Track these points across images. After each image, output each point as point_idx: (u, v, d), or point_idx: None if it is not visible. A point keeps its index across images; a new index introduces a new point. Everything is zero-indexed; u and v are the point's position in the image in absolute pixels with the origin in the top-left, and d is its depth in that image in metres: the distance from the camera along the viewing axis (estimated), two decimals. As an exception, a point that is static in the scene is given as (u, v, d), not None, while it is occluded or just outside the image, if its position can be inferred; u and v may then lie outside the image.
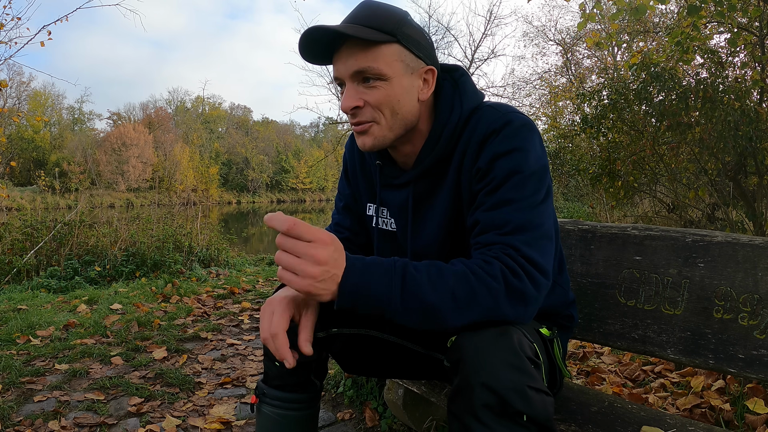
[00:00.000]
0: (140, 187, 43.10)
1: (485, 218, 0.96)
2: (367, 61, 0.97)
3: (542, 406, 0.83)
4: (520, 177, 0.96)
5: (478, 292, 0.87)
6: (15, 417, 1.97)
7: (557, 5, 22.08)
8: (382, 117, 1.01)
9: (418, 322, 0.88)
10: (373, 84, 0.99)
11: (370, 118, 1.02)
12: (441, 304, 0.86)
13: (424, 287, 0.87)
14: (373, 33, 0.96)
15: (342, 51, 0.99)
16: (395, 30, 0.98)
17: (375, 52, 0.97)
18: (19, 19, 6.38)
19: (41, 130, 41.28)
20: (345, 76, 1.00)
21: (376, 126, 1.02)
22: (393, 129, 1.03)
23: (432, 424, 1.76)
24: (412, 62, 1.01)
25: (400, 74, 1.00)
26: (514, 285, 0.88)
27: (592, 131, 5.14)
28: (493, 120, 1.00)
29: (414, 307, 0.86)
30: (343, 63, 0.99)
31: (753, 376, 1.14)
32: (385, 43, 0.97)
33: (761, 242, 1.16)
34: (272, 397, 1.18)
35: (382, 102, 1.00)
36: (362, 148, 1.05)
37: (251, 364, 2.67)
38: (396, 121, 1.03)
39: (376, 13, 0.99)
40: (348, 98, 1.00)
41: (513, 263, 0.90)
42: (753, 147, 3.87)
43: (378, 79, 0.98)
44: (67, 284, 4.77)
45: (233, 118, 60.59)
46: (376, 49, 0.97)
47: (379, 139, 1.03)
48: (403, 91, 1.01)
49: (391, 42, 0.98)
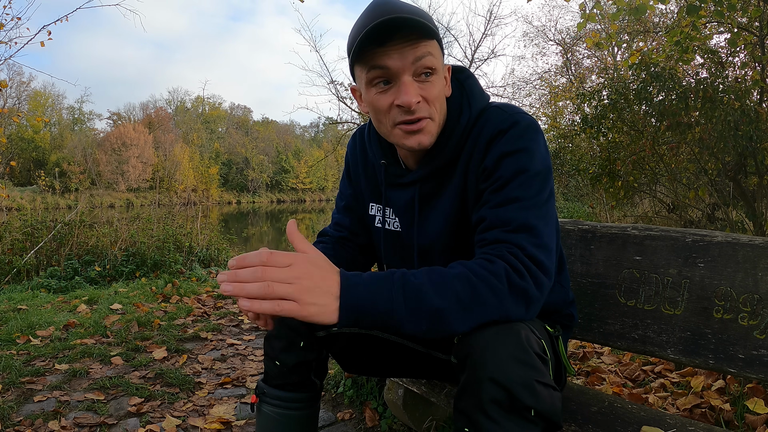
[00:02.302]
0: (140, 187, 43.11)
1: (491, 215, 0.96)
2: (427, 47, 0.94)
3: (550, 400, 0.83)
4: (526, 176, 0.96)
5: (482, 291, 0.86)
6: (15, 417, 1.97)
7: (557, 5, 22.09)
8: (436, 112, 1.00)
9: (425, 330, 0.85)
10: (429, 78, 0.97)
11: (427, 114, 0.99)
12: (446, 307, 0.85)
13: (428, 293, 0.84)
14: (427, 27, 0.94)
15: (393, 43, 0.93)
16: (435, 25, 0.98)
17: (430, 43, 0.96)
18: (19, 19, 6.39)
19: (41, 130, 41.30)
20: (402, 68, 0.94)
21: (431, 123, 1.00)
22: (440, 126, 1.03)
23: (432, 424, 1.76)
24: (441, 58, 1.02)
25: (440, 69, 1.00)
26: (517, 284, 0.88)
27: (592, 131, 5.14)
28: (501, 120, 1.01)
29: (419, 314, 0.84)
30: (399, 54, 0.93)
31: (753, 376, 1.14)
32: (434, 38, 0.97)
33: (761, 242, 1.16)
34: (272, 396, 1.18)
35: (436, 96, 0.98)
36: (417, 147, 1.00)
37: (251, 364, 2.67)
38: (442, 117, 1.03)
39: (415, 9, 0.96)
40: (410, 93, 0.94)
41: (517, 262, 0.90)
42: (753, 147, 3.87)
43: (432, 73, 0.97)
44: (67, 284, 4.77)
45: (233, 118, 60.61)
46: (431, 41, 0.96)
47: (434, 137, 1.01)
48: (443, 87, 1.02)
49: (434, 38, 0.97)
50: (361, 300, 0.83)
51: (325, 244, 1.27)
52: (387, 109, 0.99)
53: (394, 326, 0.84)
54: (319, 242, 1.29)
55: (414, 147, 1.01)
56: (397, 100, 0.96)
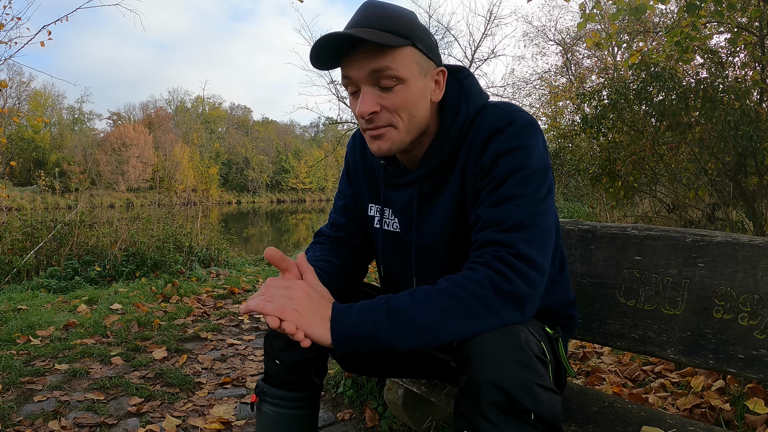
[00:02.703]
0: (140, 187, 43.09)
1: (486, 215, 0.96)
2: (385, 61, 0.96)
3: (550, 404, 0.83)
4: (523, 174, 0.96)
5: (467, 302, 0.88)
6: (15, 417, 1.97)
7: (557, 5, 22.08)
8: (400, 121, 1.00)
9: (418, 345, 0.89)
10: (391, 88, 0.98)
11: (387, 123, 1.00)
12: (433, 321, 0.87)
13: (411, 312, 0.88)
14: (390, 37, 0.95)
15: (355, 55, 0.97)
16: (410, 32, 0.97)
17: (392, 54, 0.96)
18: (19, 19, 6.38)
19: (41, 130, 41.29)
20: (361, 79, 0.98)
21: (393, 130, 1.01)
22: (410, 132, 1.03)
23: (432, 424, 1.76)
24: (425, 64, 1.01)
25: (416, 76, 0.99)
26: (503, 288, 0.89)
27: (592, 131, 5.14)
28: (498, 119, 1.00)
29: (408, 332, 0.88)
30: (358, 66, 0.97)
31: (753, 376, 1.14)
32: (401, 47, 0.96)
33: (761, 242, 1.16)
34: (272, 395, 1.18)
35: (400, 106, 0.99)
36: (377, 153, 1.03)
37: (251, 364, 2.67)
38: (413, 124, 1.02)
39: (389, 15, 0.97)
40: (366, 103, 0.98)
41: (501, 265, 0.90)
42: (753, 147, 3.87)
43: (396, 83, 0.97)
44: (67, 284, 4.77)
45: (233, 118, 60.60)
46: (393, 51, 0.96)
47: (396, 144, 1.03)
48: (419, 94, 1.00)
49: (407, 45, 0.97)
50: (349, 329, 0.89)
51: (323, 244, 1.27)
52: (356, 115, 1.02)
53: (387, 348, 0.89)
54: (316, 243, 1.29)
55: (375, 152, 1.04)
56: (355, 109, 1.00)
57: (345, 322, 0.90)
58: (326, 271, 1.14)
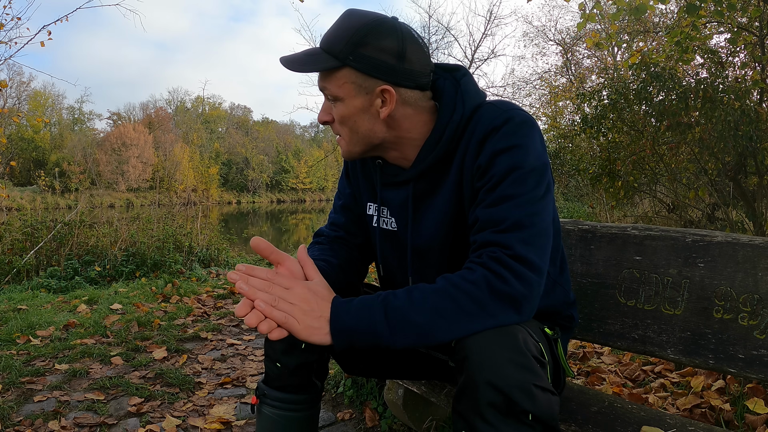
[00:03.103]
0: (140, 187, 43.09)
1: (484, 215, 0.96)
2: (323, 81, 1.03)
3: (548, 405, 0.83)
4: (520, 173, 0.95)
5: (461, 302, 0.88)
6: (15, 417, 1.97)
7: (557, 5, 22.09)
8: (345, 132, 1.07)
9: (414, 344, 0.90)
10: (334, 103, 1.04)
11: (337, 132, 1.09)
12: (428, 322, 0.88)
13: (407, 311, 0.89)
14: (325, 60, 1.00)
15: None
16: (346, 54, 0.99)
17: (329, 75, 1.02)
18: (19, 19, 6.39)
19: (41, 130, 41.29)
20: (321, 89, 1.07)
21: (341, 139, 1.09)
22: (355, 145, 1.08)
23: (432, 424, 1.76)
24: (364, 82, 1.00)
25: (351, 96, 1.02)
26: (499, 288, 0.88)
27: (592, 131, 5.14)
28: (494, 117, 1.00)
29: (403, 331, 0.89)
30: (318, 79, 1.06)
31: (753, 376, 1.14)
32: (335, 69, 1.01)
33: (761, 242, 1.16)
34: (273, 398, 1.18)
35: (339, 120, 1.05)
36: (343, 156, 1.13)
37: (251, 364, 2.67)
38: (356, 138, 1.07)
39: (336, 35, 1.01)
40: (320, 112, 1.09)
41: (498, 266, 0.89)
42: (753, 147, 3.87)
43: (334, 100, 1.04)
44: (67, 284, 4.77)
45: (233, 118, 60.59)
46: (330, 73, 1.02)
47: (347, 152, 1.10)
48: (357, 111, 1.03)
49: (340, 67, 1.00)
50: (348, 324, 0.90)
51: (322, 244, 1.27)
52: None
53: (383, 344, 0.90)
54: (316, 243, 1.29)
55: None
56: None
57: (344, 318, 0.91)
58: (324, 270, 1.14)
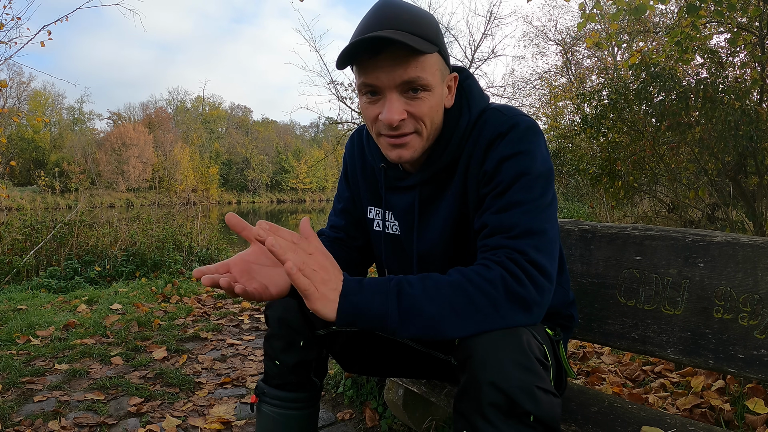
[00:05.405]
0: (140, 187, 43.10)
1: (493, 221, 0.95)
2: (416, 71, 0.92)
3: (550, 407, 0.83)
4: (528, 179, 0.95)
5: (476, 300, 0.86)
6: (15, 417, 1.97)
7: (557, 5, 22.06)
8: (424, 128, 0.98)
9: (419, 335, 0.87)
10: (419, 95, 0.95)
11: (413, 130, 0.98)
12: (439, 315, 0.85)
13: (421, 300, 0.86)
14: (423, 43, 0.91)
15: (382, 59, 0.92)
16: (438, 38, 0.95)
17: (423, 61, 0.93)
18: (19, 19, 6.39)
19: (41, 130, 41.28)
20: (389, 86, 0.94)
21: (416, 138, 0.99)
22: (429, 139, 1.01)
23: (432, 424, 1.76)
24: (444, 70, 0.99)
25: (439, 83, 0.98)
26: (514, 291, 0.88)
27: (592, 131, 5.15)
28: (499, 123, 0.99)
29: (412, 320, 0.85)
30: (387, 72, 0.92)
31: (753, 376, 1.14)
32: (430, 53, 0.93)
33: (761, 242, 1.16)
34: (272, 396, 1.18)
35: (426, 113, 0.97)
36: (397, 160, 1.00)
37: (251, 364, 2.67)
38: (433, 130, 1.01)
39: (417, 19, 0.93)
40: (394, 110, 0.94)
41: (516, 268, 0.89)
42: (753, 147, 3.88)
43: (424, 90, 0.95)
44: (67, 284, 4.77)
45: (233, 118, 60.59)
46: (423, 58, 0.92)
47: (417, 151, 1.00)
48: (440, 100, 0.99)
49: (435, 51, 0.93)
50: (358, 303, 0.85)
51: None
52: (373, 119, 0.99)
53: (387, 330, 0.86)
54: None
55: (394, 160, 1.01)
56: (381, 115, 0.96)
57: (354, 297, 0.85)
58: None
